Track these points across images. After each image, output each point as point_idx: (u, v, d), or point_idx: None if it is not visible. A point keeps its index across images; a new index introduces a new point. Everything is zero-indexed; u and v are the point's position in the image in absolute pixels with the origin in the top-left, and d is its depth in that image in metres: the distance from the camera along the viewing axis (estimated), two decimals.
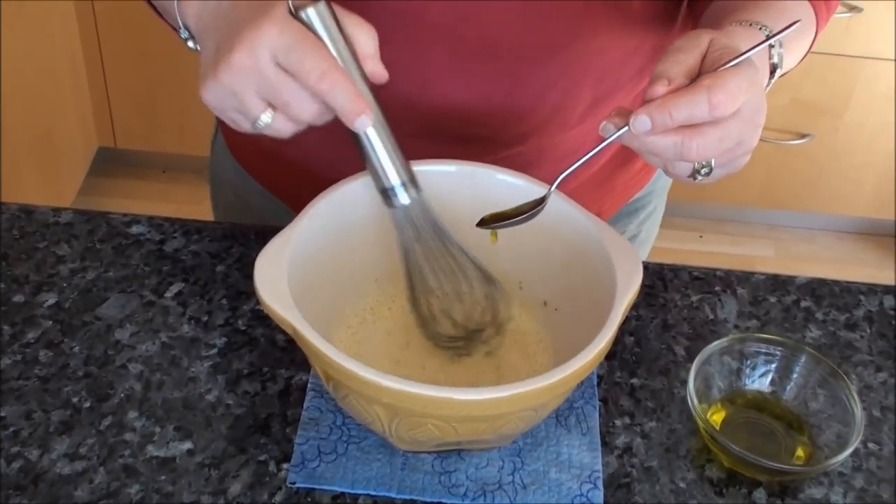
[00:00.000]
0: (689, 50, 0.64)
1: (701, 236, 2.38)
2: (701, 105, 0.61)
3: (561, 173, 0.67)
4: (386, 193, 0.68)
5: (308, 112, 0.63)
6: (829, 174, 2.23)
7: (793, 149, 2.18)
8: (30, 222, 0.85)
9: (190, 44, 0.70)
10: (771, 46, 0.70)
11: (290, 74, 0.61)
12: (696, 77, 0.63)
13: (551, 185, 0.69)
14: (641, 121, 0.62)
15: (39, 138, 2.01)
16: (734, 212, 2.40)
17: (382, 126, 0.66)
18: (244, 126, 0.64)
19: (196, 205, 2.16)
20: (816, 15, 0.79)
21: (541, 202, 0.69)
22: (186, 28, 0.68)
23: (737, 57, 0.62)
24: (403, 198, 0.68)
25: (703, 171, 0.65)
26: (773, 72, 0.71)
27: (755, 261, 2.32)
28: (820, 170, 2.23)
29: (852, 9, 1.94)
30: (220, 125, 0.99)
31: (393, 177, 0.67)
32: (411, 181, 0.68)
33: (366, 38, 0.65)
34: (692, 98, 0.61)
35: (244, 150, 0.96)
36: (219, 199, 1.05)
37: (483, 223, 0.69)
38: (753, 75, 0.63)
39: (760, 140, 0.65)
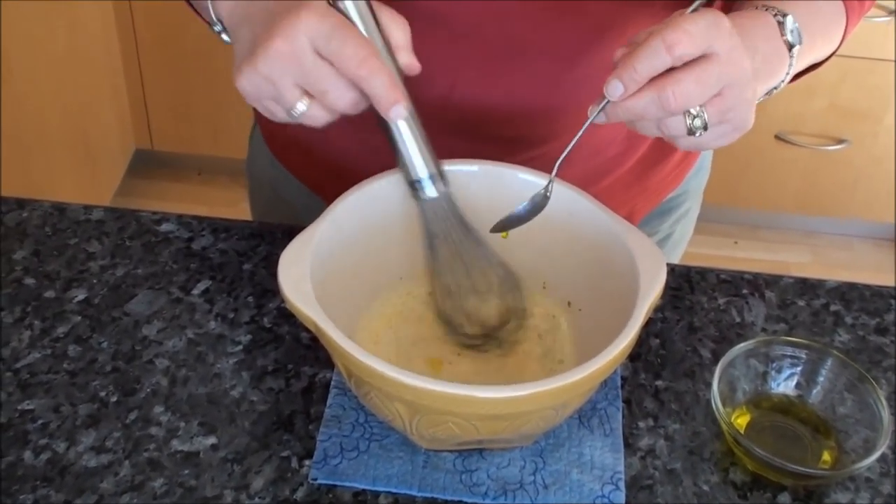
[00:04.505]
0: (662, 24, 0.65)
1: (736, 242, 2.36)
2: (658, 49, 0.61)
3: (555, 162, 0.69)
4: (413, 185, 0.69)
5: (344, 100, 0.63)
6: (867, 180, 2.20)
7: (830, 154, 2.15)
8: (62, 219, 0.87)
9: (224, 36, 0.70)
10: (780, 24, 0.70)
11: (329, 62, 0.61)
12: None
13: (551, 174, 0.70)
14: (613, 85, 0.63)
15: (77, 140, 2.04)
16: (770, 218, 2.38)
17: (414, 118, 0.67)
18: (279, 115, 0.65)
19: (229, 207, 2.18)
20: (847, 10, 0.78)
21: (544, 196, 0.70)
22: (220, 21, 0.69)
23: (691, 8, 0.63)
24: (431, 191, 0.69)
25: (695, 123, 0.64)
26: (790, 49, 0.70)
27: (791, 268, 2.30)
28: (857, 175, 2.20)
29: (892, 13, 1.91)
30: (258, 118, 1.00)
31: (422, 169, 0.68)
32: (440, 175, 0.69)
33: (399, 30, 0.66)
34: (648, 45, 0.62)
35: (280, 142, 0.96)
36: (256, 194, 1.06)
37: (495, 228, 0.71)
38: (715, 18, 0.63)
39: (797, 145, 0.65)
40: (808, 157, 2.15)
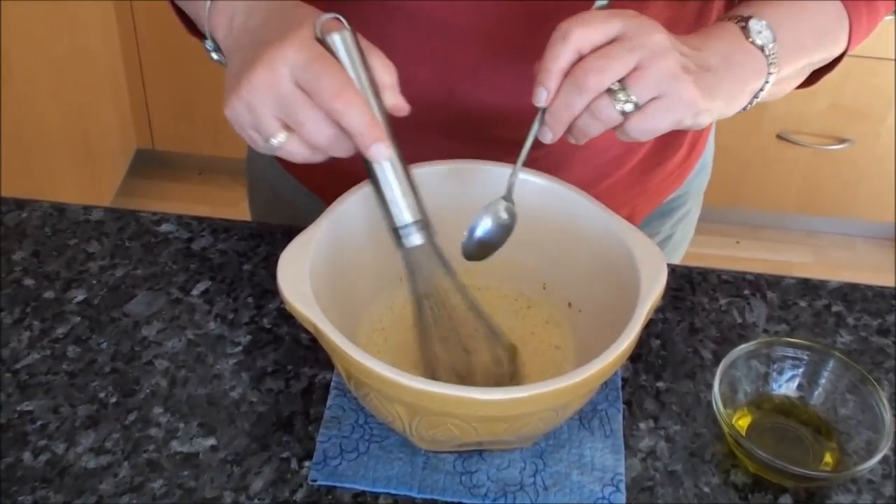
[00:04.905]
0: None
1: (738, 242, 2.36)
2: (556, 40, 0.64)
3: (513, 175, 0.69)
4: (397, 233, 0.64)
5: (322, 135, 0.61)
6: (869, 180, 2.20)
7: (832, 154, 2.15)
8: (61, 220, 0.86)
9: (214, 55, 0.70)
10: (744, 28, 0.70)
11: (307, 93, 0.60)
12: None
13: (508, 186, 0.70)
14: (538, 92, 0.65)
15: (78, 140, 2.04)
16: (772, 218, 2.37)
17: (398, 159, 0.63)
18: (260, 144, 0.64)
19: (230, 207, 2.18)
20: (850, 17, 0.77)
21: (510, 210, 0.70)
22: (214, 40, 0.69)
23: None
24: (416, 238, 0.64)
25: (620, 98, 0.63)
26: (762, 51, 0.70)
27: (793, 267, 2.29)
28: (860, 175, 2.19)
29: (892, 12, 1.91)
30: None
31: (406, 215, 0.63)
32: (425, 221, 0.64)
33: (387, 72, 0.64)
34: (549, 42, 0.64)
35: None
36: (255, 195, 1.06)
37: (469, 256, 0.70)
38: (616, 12, 0.65)
39: (799, 145, 0.65)
40: (809, 156, 2.15)
